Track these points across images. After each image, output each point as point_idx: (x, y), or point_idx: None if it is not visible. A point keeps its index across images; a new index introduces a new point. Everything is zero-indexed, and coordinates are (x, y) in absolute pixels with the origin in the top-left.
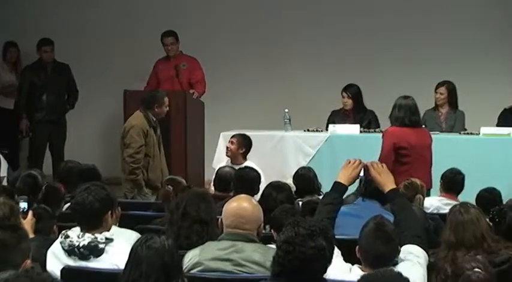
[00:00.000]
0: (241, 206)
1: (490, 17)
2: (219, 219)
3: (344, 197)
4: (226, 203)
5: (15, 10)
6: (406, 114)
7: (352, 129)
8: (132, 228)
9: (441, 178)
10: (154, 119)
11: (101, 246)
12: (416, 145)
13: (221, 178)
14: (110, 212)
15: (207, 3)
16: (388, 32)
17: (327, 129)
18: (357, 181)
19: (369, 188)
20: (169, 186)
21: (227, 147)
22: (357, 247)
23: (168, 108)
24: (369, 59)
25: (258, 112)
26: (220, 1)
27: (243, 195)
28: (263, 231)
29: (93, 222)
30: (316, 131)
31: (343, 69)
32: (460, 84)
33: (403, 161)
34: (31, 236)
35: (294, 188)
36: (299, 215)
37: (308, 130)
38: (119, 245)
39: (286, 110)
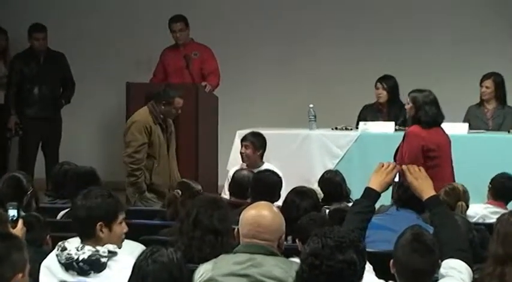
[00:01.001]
0: (260, 214)
1: None
2: (235, 229)
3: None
4: (243, 210)
5: None
6: (439, 111)
7: (386, 127)
8: (136, 240)
9: (490, 183)
10: (162, 117)
11: (103, 260)
12: (444, 145)
13: (237, 182)
14: (117, 220)
15: None
16: (412, 22)
17: (357, 127)
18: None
19: (404, 196)
20: (177, 191)
21: (241, 154)
22: (392, 261)
23: (178, 112)
24: (400, 49)
25: (279, 108)
26: None
27: (262, 202)
28: (285, 242)
29: (94, 233)
30: (345, 129)
31: (376, 59)
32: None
33: (431, 164)
34: None
35: (320, 194)
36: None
37: (336, 128)
38: (124, 260)
39: (311, 106)
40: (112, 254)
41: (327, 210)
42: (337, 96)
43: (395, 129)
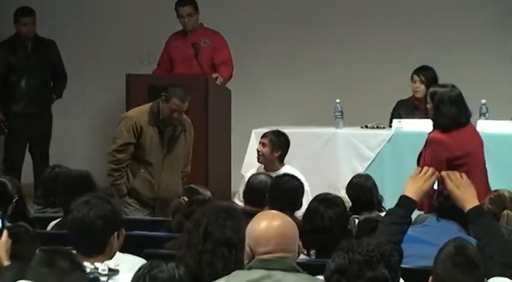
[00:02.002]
0: (273, 224)
1: None
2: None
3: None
4: (251, 222)
5: None
6: (461, 110)
7: (423, 125)
8: (138, 254)
9: None
10: (160, 117)
11: (103, 279)
12: (473, 149)
13: (253, 188)
14: (116, 234)
15: None
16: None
17: (390, 126)
18: None
19: (445, 204)
20: (183, 198)
21: (258, 151)
22: (430, 278)
23: (174, 116)
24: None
25: (300, 103)
26: None
27: (270, 211)
28: (308, 257)
29: (94, 247)
30: (377, 127)
31: (411, 47)
32: None
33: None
34: (5, 263)
35: (348, 203)
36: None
37: (366, 126)
38: (126, 279)
39: (338, 101)
40: (113, 272)
41: (356, 221)
42: (366, 90)
43: None
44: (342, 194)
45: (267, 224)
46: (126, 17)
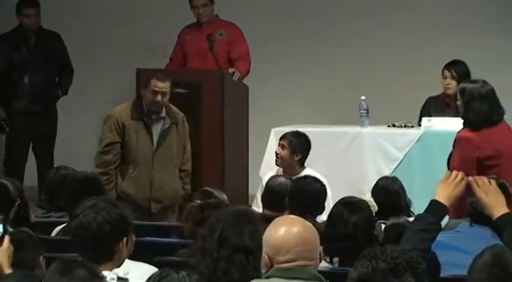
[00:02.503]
0: (292, 229)
1: None
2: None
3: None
4: (268, 228)
5: None
6: (492, 107)
7: (455, 123)
8: (149, 262)
9: None
10: (146, 110)
11: None
12: (507, 148)
13: (272, 191)
14: (125, 240)
15: None
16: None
17: (419, 124)
18: None
19: (478, 209)
20: (196, 201)
21: (276, 154)
22: None
23: (157, 99)
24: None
25: (323, 101)
26: None
27: (288, 216)
28: (331, 265)
29: (102, 254)
30: (405, 126)
31: (440, 42)
32: None
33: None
34: (7, 271)
35: (373, 207)
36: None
37: (394, 125)
38: None
39: (363, 98)
40: (122, 280)
41: (383, 227)
42: (392, 86)
43: None
44: (368, 197)
45: (286, 230)
46: (138, 7)
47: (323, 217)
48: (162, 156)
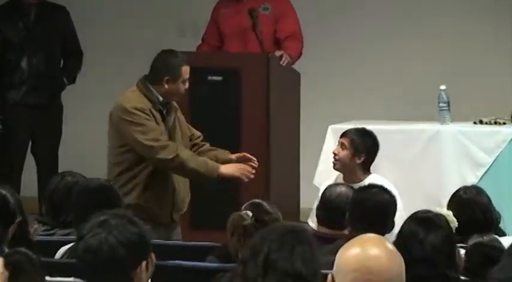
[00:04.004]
0: (369, 253)
1: None
2: (328, 277)
3: None
4: (341, 248)
5: None
6: None
7: None
8: None
9: None
10: (161, 99)
11: None
12: None
13: (329, 204)
14: (144, 264)
15: None
16: None
17: None
18: None
19: None
20: (247, 213)
21: (334, 155)
22: None
23: (187, 86)
24: None
25: (393, 91)
26: None
27: (369, 234)
28: None
29: (115, 280)
30: (495, 123)
31: None
32: None
33: None
34: None
35: (453, 222)
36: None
37: (481, 122)
38: None
39: (443, 88)
40: None
41: (462, 252)
42: (478, 74)
43: None
44: (444, 211)
45: (361, 254)
46: None
47: (392, 236)
48: None
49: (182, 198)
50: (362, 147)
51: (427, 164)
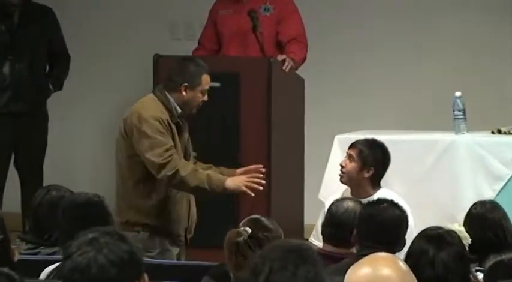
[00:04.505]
0: (380, 274)
1: None
2: None
3: None
4: (350, 268)
5: None
6: None
7: None
8: None
9: None
10: (180, 111)
11: None
12: None
13: (336, 220)
14: None
15: None
16: None
17: None
18: None
19: None
20: (246, 229)
21: (341, 167)
22: None
23: (206, 98)
24: None
25: (403, 99)
26: None
27: (380, 253)
28: None
29: None
30: None
31: None
32: None
33: None
34: None
35: (466, 239)
36: None
37: (499, 131)
38: None
39: (458, 94)
40: None
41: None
42: (495, 79)
43: None
44: (456, 226)
45: (372, 274)
46: None
47: (403, 254)
48: None
49: (193, 215)
50: (371, 160)
51: (441, 177)
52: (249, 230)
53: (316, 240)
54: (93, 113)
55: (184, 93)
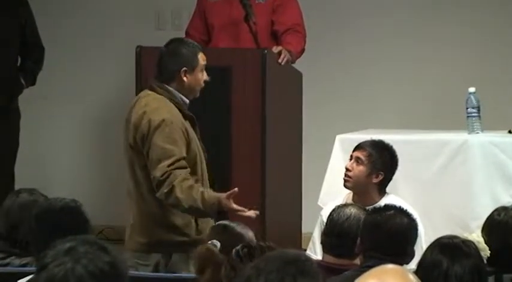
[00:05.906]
0: None
1: None
2: None
3: None
4: (356, 281)
5: None
6: None
7: None
8: None
9: None
10: (187, 102)
11: None
12: None
13: (337, 229)
14: None
15: None
16: None
17: None
18: None
19: None
20: (214, 242)
21: (347, 171)
22: None
23: (205, 76)
24: None
25: (411, 96)
26: None
27: (388, 265)
28: None
29: None
30: None
31: None
32: None
33: None
34: None
35: (485, 251)
36: None
37: None
38: None
39: (472, 90)
40: None
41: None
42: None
43: None
44: (474, 236)
45: None
46: None
47: (412, 265)
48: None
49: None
50: (380, 164)
51: (453, 181)
52: (217, 243)
53: (312, 253)
54: (70, 109)
55: (185, 78)
